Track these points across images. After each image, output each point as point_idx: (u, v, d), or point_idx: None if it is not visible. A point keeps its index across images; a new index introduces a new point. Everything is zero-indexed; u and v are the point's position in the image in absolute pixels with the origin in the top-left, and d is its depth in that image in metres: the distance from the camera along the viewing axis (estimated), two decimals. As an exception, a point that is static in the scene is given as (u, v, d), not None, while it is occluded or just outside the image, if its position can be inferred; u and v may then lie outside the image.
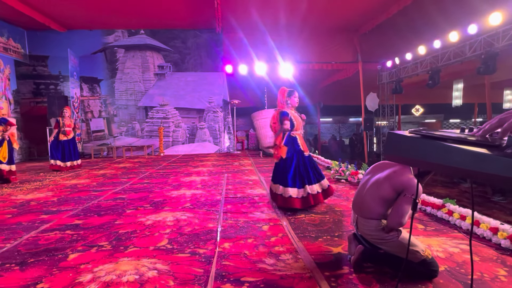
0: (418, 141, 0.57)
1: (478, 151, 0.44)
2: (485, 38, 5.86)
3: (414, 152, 0.57)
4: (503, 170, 0.39)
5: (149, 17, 8.31)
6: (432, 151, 0.53)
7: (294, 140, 3.06)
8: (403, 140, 0.61)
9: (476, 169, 0.43)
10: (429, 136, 0.55)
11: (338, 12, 7.65)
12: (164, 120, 9.45)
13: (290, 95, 3.13)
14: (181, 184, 4.37)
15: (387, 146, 0.66)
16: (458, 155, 0.47)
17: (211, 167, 6.19)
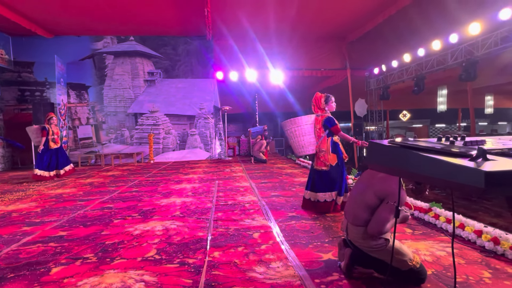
0: (396, 151, 0.58)
1: (447, 160, 0.45)
2: (466, 46, 6.12)
3: (393, 161, 0.59)
4: (470, 180, 0.40)
5: (139, 24, 8.29)
6: (408, 160, 0.54)
7: (338, 146, 3.10)
8: (382, 149, 0.62)
9: (446, 178, 0.45)
10: (405, 146, 0.57)
11: (327, 20, 7.84)
12: (154, 127, 9.34)
13: (327, 100, 3.13)
14: (171, 192, 4.31)
15: (368, 155, 0.67)
16: (431, 165, 0.48)
17: (202, 174, 6.13)
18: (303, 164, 6.99)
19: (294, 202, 3.56)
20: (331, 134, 3.09)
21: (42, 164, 5.68)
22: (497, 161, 0.45)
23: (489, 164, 0.43)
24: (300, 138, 3.41)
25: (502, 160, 0.45)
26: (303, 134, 3.46)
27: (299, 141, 3.27)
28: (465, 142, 0.61)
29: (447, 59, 6.68)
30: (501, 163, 0.44)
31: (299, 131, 3.65)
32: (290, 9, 6.95)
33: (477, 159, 0.45)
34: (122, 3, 6.92)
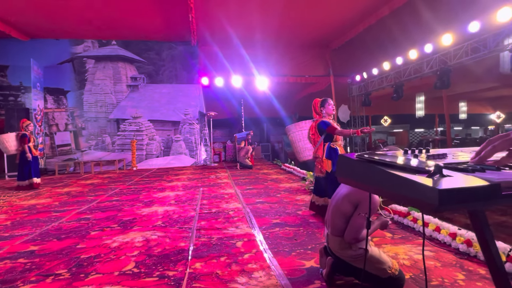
0: (362, 165, 0.59)
1: (406, 177, 0.47)
2: (440, 56, 6.46)
3: (360, 176, 0.60)
4: (426, 197, 0.42)
5: (121, 28, 8.14)
6: (373, 175, 0.55)
7: (336, 151, 2.91)
8: (350, 163, 0.63)
9: (406, 194, 0.46)
10: (371, 161, 0.58)
11: (310, 28, 8.04)
12: (137, 133, 9.12)
13: (323, 104, 3.03)
14: (153, 201, 4.19)
15: (338, 169, 0.68)
16: (392, 181, 0.50)
17: (187, 181, 6.02)
18: (289, 169, 7.04)
19: (278, 208, 3.56)
20: (329, 139, 2.96)
21: (23, 175, 5.38)
22: (453, 177, 0.47)
23: (444, 181, 0.44)
24: (301, 142, 3.41)
25: (457, 176, 0.47)
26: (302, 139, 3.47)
27: (299, 146, 3.28)
28: (428, 156, 0.63)
29: (423, 67, 7.02)
30: (456, 179, 0.46)
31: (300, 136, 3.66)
32: (273, 18, 7.08)
33: (434, 176, 0.47)
34: (103, 8, 6.77)
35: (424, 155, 0.66)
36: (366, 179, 0.58)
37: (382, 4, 6.38)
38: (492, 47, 5.51)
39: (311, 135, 3.12)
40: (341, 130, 2.93)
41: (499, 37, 5.37)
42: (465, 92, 12.03)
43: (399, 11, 6.28)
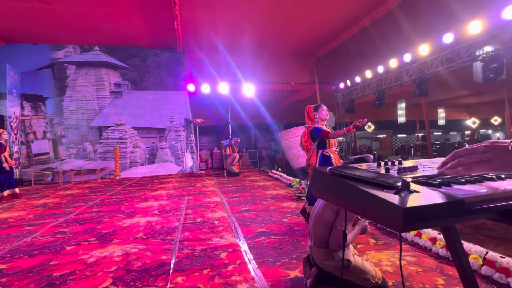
0: (335, 180, 0.59)
1: (374, 194, 0.46)
2: (418, 65, 6.76)
3: (333, 190, 0.59)
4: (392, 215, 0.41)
5: (105, 34, 7.97)
6: (345, 191, 0.55)
7: (329, 159, 2.81)
8: (324, 177, 0.63)
9: (374, 211, 0.45)
10: (342, 175, 0.58)
11: (295, 37, 8.20)
12: (120, 141, 8.86)
13: (317, 109, 2.96)
14: (136, 211, 4.04)
15: (312, 182, 0.67)
16: (361, 197, 0.49)
17: (172, 189, 5.88)
18: (275, 176, 7.04)
19: (264, 216, 3.53)
20: (322, 146, 2.90)
21: (1, 186, 5.09)
22: (419, 193, 0.47)
23: (410, 199, 0.44)
24: (294, 149, 3.35)
25: (424, 192, 0.47)
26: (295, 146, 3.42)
27: (292, 153, 3.22)
28: (399, 169, 0.63)
29: (403, 76, 7.31)
30: (422, 196, 0.45)
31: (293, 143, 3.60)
32: (259, 27, 7.18)
33: (401, 192, 0.46)
34: (85, 15, 6.62)
35: (397, 167, 0.67)
36: (338, 194, 0.57)
37: (364, 15, 6.63)
38: (465, 58, 5.83)
39: (303, 142, 3.06)
40: (334, 132, 2.87)
41: (471, 48, 5.70)
42: (443, 99, 12.61)
43: (380, 22, 6.54)
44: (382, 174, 0.56)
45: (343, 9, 6.44)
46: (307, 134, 3.00)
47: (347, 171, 0.58)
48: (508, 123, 11.48)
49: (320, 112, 3.01)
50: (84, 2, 6.15)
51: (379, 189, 0.49)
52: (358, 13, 6.57)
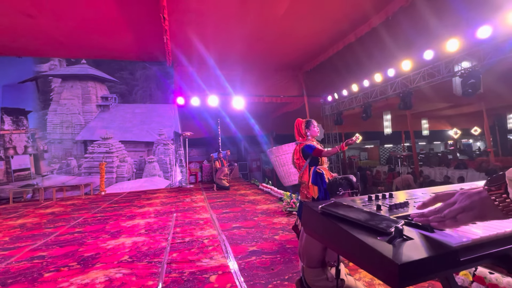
0: (323, 219, 0.57)
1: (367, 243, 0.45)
2: (401, 80, 7.02)
3: (322, 231, 0.58)
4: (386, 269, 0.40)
5: (92, 48, 7.89)
6: (335, 233, 0.53)
7: (322, 176, 2.75)
8: (313, 215, 0.61)
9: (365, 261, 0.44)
10: (331, 215, 0.56)
11: (283, 52, 8.39)
12: (107, 155, 8.62)
13: (308, 125, 2.90)
14: (121, 231, 3.88)
15: (303, 219, 0.65)
16: (352, 243, 0.48)
17: (159, 205, 5.71)
18: (266, 189, 6.99)
19: (255, 234, 3.46)
20: (314, 163, 2.84)
21: None
22: (414, 240, 0.46)
23: (404, 249, 0.42)
24: (285, 167, 3.26)
25: (418, 240, 0.46)
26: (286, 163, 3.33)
27: (283, 171, 3.11)
28: (390, 206, 0.63)
29: (387, 89, 7.56)
30: (417, 245, 0.44)
31: (284, 160, 3.53)
32: (248, 42, 7.31)
33: (394, 240, 0.45)
34: (72, 28, 6.56)
35: (388, 203, 0.66)
36: (330, 237, 0.55)
37: (349, 32, 6.88)
38: (444, 73, 6.11)
39: (295, 160, 2.97)
40: (327, 151, 2.83)
41: (450, 64, 5.99)
42: (426, 110, 13.09)
43: (364, 38, 6.80)
44: (374, 214, 0.55)
45: (329, 26, 6.67)
46: (299, 152, 2.93)
47: (339, 212, 0.56)
48: (487, 133, 12.00)
49: (312, 129, 2.96)
50: (72, 17, 6.10)
51: (372, 236, 0.47)
52: (344, 29, 6.82)
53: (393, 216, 0.60)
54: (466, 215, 0.47)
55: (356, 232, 0.48)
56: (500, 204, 0.44)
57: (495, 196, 0.45)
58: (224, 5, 5.66)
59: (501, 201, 0.44)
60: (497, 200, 0.45)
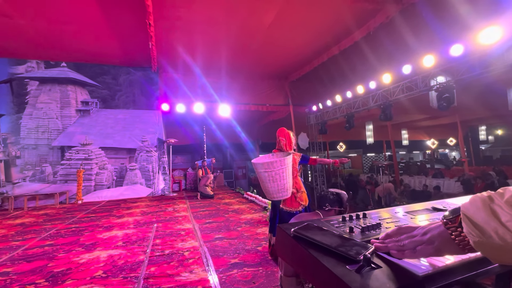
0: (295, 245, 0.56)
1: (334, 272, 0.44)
2: (382, 92, 7.30)
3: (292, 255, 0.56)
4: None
5: (73, 51, 7.63)
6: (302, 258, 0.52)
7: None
8: (286, 239, 0.59)
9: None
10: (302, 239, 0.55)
11: (269, 62, 8.52)
12: (85, 162, 8.26)
13: (295, 137, 3.02)
14: (97, 243, 3.68)
15: (277, 240, 0.64)
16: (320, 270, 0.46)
17: (140, 215, 5.50)
18: (251, 198, 6.93)
19: (238, 245, 3.39)
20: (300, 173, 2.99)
21: None
22: (382, 269, 0.45)
23: (372, 280, 0.42)
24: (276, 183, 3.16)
25: (386, 269, 0.46)
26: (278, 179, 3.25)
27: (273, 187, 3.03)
28: (363, 228, 0.62)
29: (369, 101, 7.82)
30: (384, 274, 0.44)
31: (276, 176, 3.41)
32: (234, 51, 7.36)
33: (363, 269, 0.44)
34: (52, 30, 6.33)
35: (361, 225, 0.66)
36: (300, 262, 0.54)
37: (333, 45, 7.11)
38: (421, 87, 6.43)
39: (294, 170, 2.95)
40: (321, 159, 2.97)
41: (427, 79, 6.31)
42: (406, 121, 13.66)
43: (347, 51, 7.05)
44: (346, 239, 0.55)
45: (314, 38, 6.87)
46: (298, 161, 2.95)
47: (311, 236, 0.55)
48: (461, 143, 12.66)
49: (294, 140, 3.02)
50: (52, 19, 5.90)
51: (341, 263, 0.46)
52: (328, 42, 7.04)
53: (365, 239, 0.60)
54: (425, 248, 0.47)
55: (326, 260, 0.47)
56: (456, 239, 0.45)
57: (451, 230, 0.46)
58: (211, 13, 5.69)
59: (457, 235, 0.45)
60: (453, 234, 0.45)
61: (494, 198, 0.43)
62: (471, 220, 0.43)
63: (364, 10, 5.56)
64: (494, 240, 0.39)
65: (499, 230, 0.39)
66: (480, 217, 0.42)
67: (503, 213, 0.40)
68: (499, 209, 0.41)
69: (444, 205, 0.83)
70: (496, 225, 0.40)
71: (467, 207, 0.45)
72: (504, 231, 0.39)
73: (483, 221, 0.41)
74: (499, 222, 0.40)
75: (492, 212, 0.41)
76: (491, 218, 0.41)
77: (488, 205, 0.42)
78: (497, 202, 0.42)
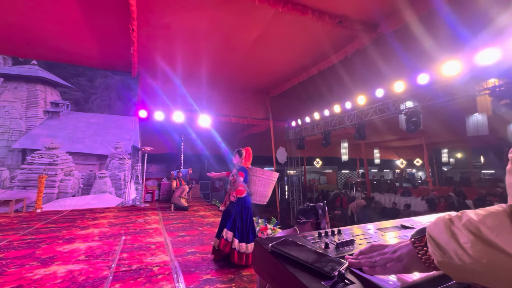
0: (272, 260, 0.56)
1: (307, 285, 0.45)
2: (357, 113, 7.72)
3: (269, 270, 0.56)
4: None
5: (47, 49, 7.23)
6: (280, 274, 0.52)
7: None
8: (263, 254, 0.60)
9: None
10: (279, 255, 0.56)
11: (249, 76, 8.69)
12: (49, 167, 7.66)
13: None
14: (55, 257, 3.37)
15: (253, 257, 0.64)
16: (293, 285, 0.47)
17: (107, 227, 5.15)
18: (227, 211, 6.80)
19: (211, 260, 3.28)
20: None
21: None
22: (355, 284, 0.47)
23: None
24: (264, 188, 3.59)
25: (358, 285, 0.47)
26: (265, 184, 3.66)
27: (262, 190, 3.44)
28: (337, 244, 0.64)
29: (345, 120, 8.21)
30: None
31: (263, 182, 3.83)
32: (213, 63, 7.42)
33: (336, 285, 0.46)
34: (23, 26, 5.99)
35: (335, 241, 0.68)
36: (278, 278, 0.54)
37: (312, 65, 7.45)
38: (392, 110, 6.90)
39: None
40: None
41: (397, 103, 6.80)
42: (378, 141, 14.44)
43: (325, 72, 7.42)
44: (321, 255, 0.56)
45: (295, 58, 7.15)
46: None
47: (288, 251, 0.56)
48: (426, 164, 13.60)
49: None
50: (26, 14, 5.59)
51: (317, 279, 0.47)
52: (308, 62, 7.36)
53: (339, 255, 0.61)
54: (395, 265, 0.50)
55: (302, 275, 0.48)
56: (423, 257, 0.48)
57: (418, 249, 0.49)
58: (196, 24, 5.72)
59: (423, 254, 0.48)
60: (420, 253, 0.49)
61: (454, 220, 0.47)
62: (435, 241, 0.47)
63: (342, 36, 5.94)
64: (454, 261, 0.43)
65: (458, 251, 0.43)
66: (442, 239, 0.46)
67: (461, 235, 0.44)
68: (458, 231, 0.45)
69: (411, 223, 0.88)
70: (456, 247, 0.43)
71: (432, 228, 0.49)
72: (462, 253, 0.43)
73: (444, 242, 0.45)
74: (458, 244, 0.44)
75: (452, 234, 0.45)
76: (452, 239, 0.44)
77: (449, 227, 0.46)
78: (456, 224, 0.46)
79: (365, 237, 0.73)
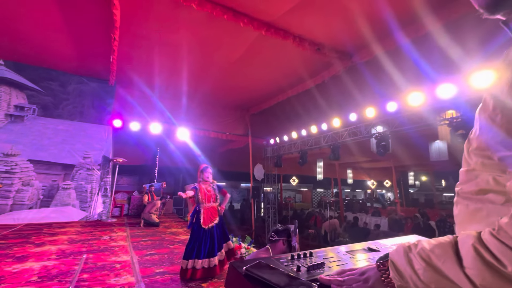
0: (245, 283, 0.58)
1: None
2: (332, 134, 8.08)
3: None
4: None
5: (17, 49, 6.83)
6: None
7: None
8: (237, 278, 0.61)
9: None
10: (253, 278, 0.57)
11: (227, 93, 8.82)
12: (5, 176, 6.98)
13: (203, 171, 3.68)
14: (1, 278, 3.01)
15: (227, 280, 0.64)
16: None
17: (67, 243, 4.73)
18: (200, 228, 6.58)
19: (180, 281, 3.12)
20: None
21: None
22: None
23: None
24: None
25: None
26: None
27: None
28: (309, 267, 0.67)
29: (321, 141, 8.54)
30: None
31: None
32: (192, 77, 7.47)
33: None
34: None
35: (307, 263, 0.71)
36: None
37: (291, 87, 7.77)
38: (364, 134, 7.33)
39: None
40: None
41: (369, 127, 7.26)
42: (351, 162, 15.08)
43: (302, 95, 7.77)
44: (293, 278, 0.59)
45: (275, 79, 7.42)
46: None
47: (260, 274, 0.58)
48: (395, 186, 14.36)
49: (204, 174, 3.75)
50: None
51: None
52: (287, 84, 7.67)
53: (310, 277, 0.64)
54: (361, 286, 0.54)
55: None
56: (385, 280, 0.53)
57: (382, 272, 0.54)
58: (179, 39, 5.76)
59: (386, 277, 0.53)
60: (383, 277, 0.54)
61: (412, 248, 0.52)
62: (395, 266, 0.52)
63: (320, 62, 6.32)
64: (410, 285, 0.48)
65: (413, 276, 0.48)
66: (401, 264, 0.51)
67: (416, 262, 0.49)
68: (413, 258, 0.50)
69: (377, 246, 0.94)
70: (411, 272, 0.49)
71: (393, 254, 0.54)
72: (416, 278, 0.48)
73: (403, 268, 0.50)
74: (412, 270, 0.49)
75: (409, 260, 0.50)
76: (408, 265, 0.50)
77: (407, 253, 0.52)
78: (413, 251, 0.51)
79: (335, 259, 0.77)
